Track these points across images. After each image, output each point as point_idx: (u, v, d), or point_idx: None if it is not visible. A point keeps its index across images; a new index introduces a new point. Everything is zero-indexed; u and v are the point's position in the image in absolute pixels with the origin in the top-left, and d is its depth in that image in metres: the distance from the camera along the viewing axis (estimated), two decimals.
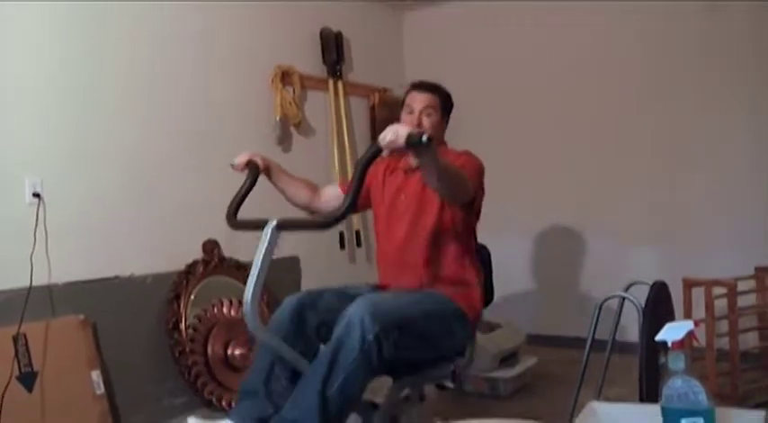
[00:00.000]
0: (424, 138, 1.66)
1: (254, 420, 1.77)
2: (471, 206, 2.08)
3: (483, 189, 2.13)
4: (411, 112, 2.16)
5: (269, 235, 1.73)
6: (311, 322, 1.92)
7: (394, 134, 1.68)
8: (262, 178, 2.12)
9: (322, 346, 1.84)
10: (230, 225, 1.92)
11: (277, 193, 2.26)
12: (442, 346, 1.99)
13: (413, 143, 1.67)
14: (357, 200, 1.68)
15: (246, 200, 2.02)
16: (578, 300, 3.95)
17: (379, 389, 1.96)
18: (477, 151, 1.97)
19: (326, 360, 1.70)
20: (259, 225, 1.77)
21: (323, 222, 1.72)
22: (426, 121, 2.13)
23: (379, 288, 2.15)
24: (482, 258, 2.27)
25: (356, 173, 1.68)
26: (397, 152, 1.73)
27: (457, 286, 2.09)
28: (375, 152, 1.71)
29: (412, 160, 2.11)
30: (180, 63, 3.17)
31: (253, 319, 1.71)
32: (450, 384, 3.01)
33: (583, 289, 3.94)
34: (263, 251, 1.73)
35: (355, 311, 1.73)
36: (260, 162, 2.10)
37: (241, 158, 2.10)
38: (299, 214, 2.38)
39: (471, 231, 2.18)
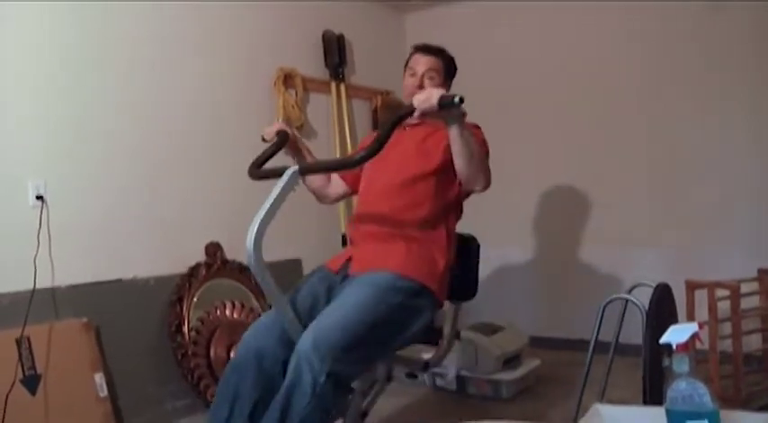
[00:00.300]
0: (456, 99, 1.68)
1: None
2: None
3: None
4: (413, 75, 2.15)
5: (288, 176, 1.73)
6: (276, 358, 1.81)
7: (428, 94, 1.70)
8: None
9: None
10: (252, 175, 1.92)
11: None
12: (406, 334, 1.91)
13: (445, 104, 1.69)
14: (385, 142, 1.68)
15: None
16: (581, 302, 3.94)
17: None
18: None
19: (279, 407, 1.64)
20: (280, 173, 1.77)
21: (345, 162, 1.75)
22: (429, 84, 2.11)
23: (337, 270, 2.07)
24: (470, 250, 2.18)
25: (386, 126, 1.70)
26: (429, 113, 1.74)
27: (420, 246, 1.99)
28: (408, 111, 1.74)
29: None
30: (182, 66, 3.17)
31: (256, 259, 1.69)
32: (422, 374, 3.01)
33: (586, 291, 3.93)
34: (278, 190, 1.72)
35: (301, 355, 1.65)
36: (290, 131, 2.11)
37: (272, 128, 2.10)
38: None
39: (458, 205, 2.13)
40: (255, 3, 3.55)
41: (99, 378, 2.60)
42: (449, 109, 1.71)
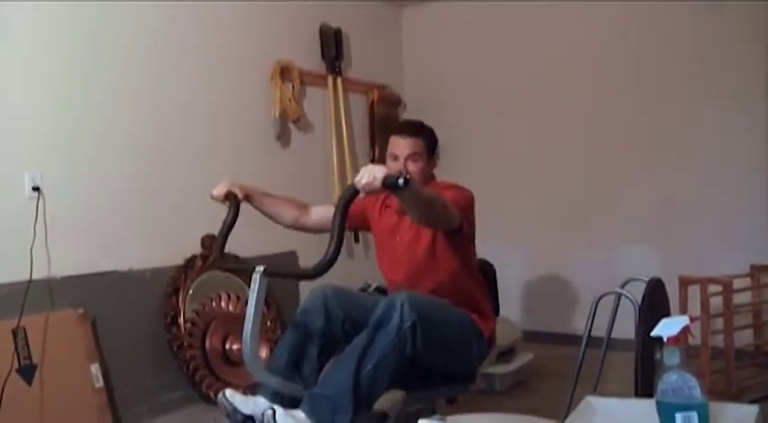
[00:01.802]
0: (401, 180, 1.63)
1: (284, 398, 1.80)
2: (460, 232, 2.04)
3: (473, 219, 2.11)
4: (396, 159, 2.13)
5: (257, 282, 1.75)
6: (337, 317, 1.96)
7: (370, 176, 1.65)
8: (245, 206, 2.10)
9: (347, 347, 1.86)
10: (219, 264, 1.95)
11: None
12: (460, 358, 2.02)
13: (389, 185, 1.65)
14: (340, 247, 1.66)
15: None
16: (575, 297, 3.97)
17: (390, 401, 1.99)
18: (475, 148, 1.98)
19: (363, 341, 1.76)
20: (246, 270, 1.80)
21: (310, 273, 1.68)
22: (412, 167, 2.10)
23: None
24: (487, 275, 2.28)
25: (336, 219, 1.65)
26: (374, 194, 1.73)
27: (469, 311, 2.10)
28: (352, 194, 1.68)
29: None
30: (180, 58, 3.17)
31: (254, 364, 1.75)
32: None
33: (579, 286, 3.96)
34: (255, 298, 1.75)
35: (396, 297, 1.80)
36: (239, 192, 2.06)
37: (219, 190, 2.06)
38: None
39: (469, 257, 2.17)
40: None
41: (95, 369, 2.60)
42: (393, 189, 1.68)
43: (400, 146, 2.12)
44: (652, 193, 3.81)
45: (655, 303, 2.02)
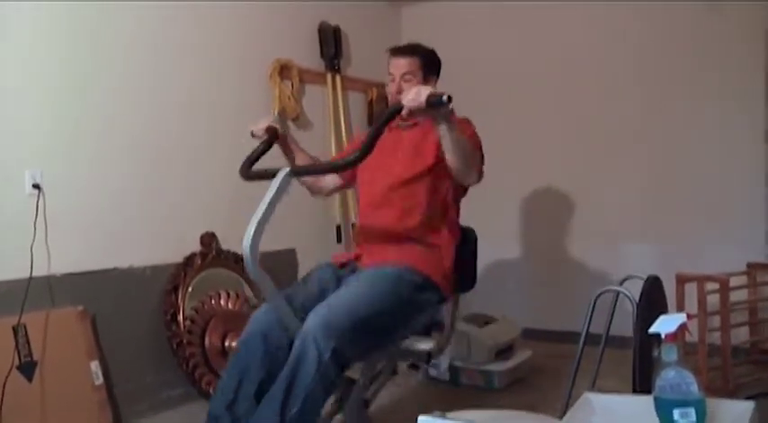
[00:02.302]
0: (445, 97, 1.68)
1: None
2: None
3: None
4: (393, 80, 2.17)
5: (281, 179, 1.75)
6: (281, 342, 1.85)
7: (416, 93, 1.71)
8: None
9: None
10: (243, 176, 1.94)
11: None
12: (410, 326, 1.98)
13: (434, 103, 1.69)
14: (373, 145, 1.69)
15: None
16: (573, 294, 3.98)
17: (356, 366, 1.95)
18: None
19: (284, 383, 1.69)
20: (272, 174, 1.78)
21: (336, 165, 1.76)
22: (406, 87, 2.09)
23: (342, 266, 2.13)
24: (467, 241, 2.23)
25: (376, 126, 1.72)
26: (417, 111, 1.75)
27: (427, 247, 2.07)
28: (396, 110, 1.74)
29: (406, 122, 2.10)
30: (179, 56, 3.17)
31: (252, 262, 1.72)
32: (423, 365, 3.02)
33: (578, 283, 3.97)
34: (272, 193, 1.74)
35: (308, 331, 1.70)
36: (279, 128, 2.12)
37: (261, 125, 2.11)
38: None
39: (456, 201, 2.18)
40: None
41: (95, 366, 2.61)
42: (437, 107, 1.71)
43: (395, 65, 2.16)
44: (650, 191, 3.82)
45: (652, 301, 2.03)
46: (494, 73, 4.28)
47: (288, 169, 1.77)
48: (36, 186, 2.59)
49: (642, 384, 1.85)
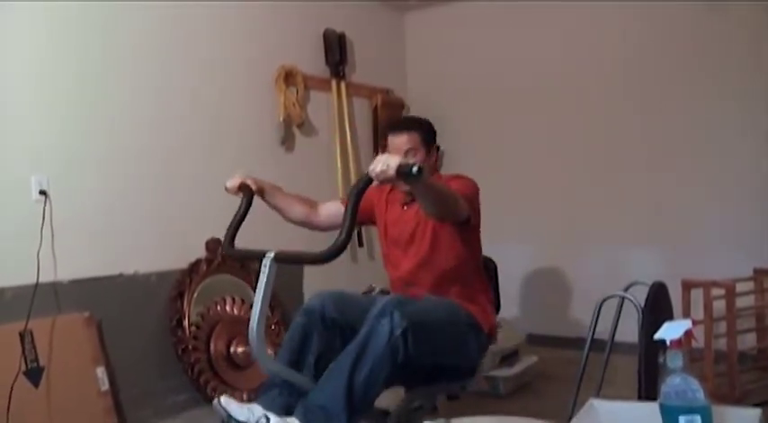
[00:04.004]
0: (415, 169, 1.65)
1: (281, 407, 1.81)
2: (468, 224, 2.08)
3: (479, 208, 2.13)
4: None
5: (267, 268, 1.77)
6: (335, 323, 1.97)
7: (384, 165, 1.67)
8: (257, 200, 2.13)
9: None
10: (228, 254, 1.95)
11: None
12: (457, 355, 2.04)
13: (403, 173, 1.67)
14: (352, 232, 1.68)
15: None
16: (578, 300, 3.97)
17: (392, 398, 2.01)
18: (479, 152, 2.00)
19: (355, 349, 1.77)
20: (256, 256, 1.80)
21: (321, 257, 1.69)
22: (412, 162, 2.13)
23: None
24: (488, 270, 2.30)
25: (349, 206, 1.67)
26: (388, 182, 1.76)
27: (469, 303, 2.12)
28: (366, 182, 1.70)
29: (403, 189, 2.13)
30: (184, 63, 3.19)
31: (260, 352, 1.76)
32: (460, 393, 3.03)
33: (582, 289, 3.96)
34: (264, 284, 1.76)
35: (386, 306, 1.81)
36: (252, 184, 2.10)
37: (233, 182, 2.10)
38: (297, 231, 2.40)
39: (474, 249, 2.20)
40: (257, 2, 3.56)
41: (101, 372, 2.62)
42: (406, 178, 1.70)
43: (397, 143, 2.14)
44: (655, 196, 3.80)
45: (658, 307, 2.03)
46: (497, 77, 4.28)
47: (272, 255, 1.78)
48: (43, 193, 2.61)
49: (648, 391, 1.84)
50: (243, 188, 2.08)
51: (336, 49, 3.97)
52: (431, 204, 1.90)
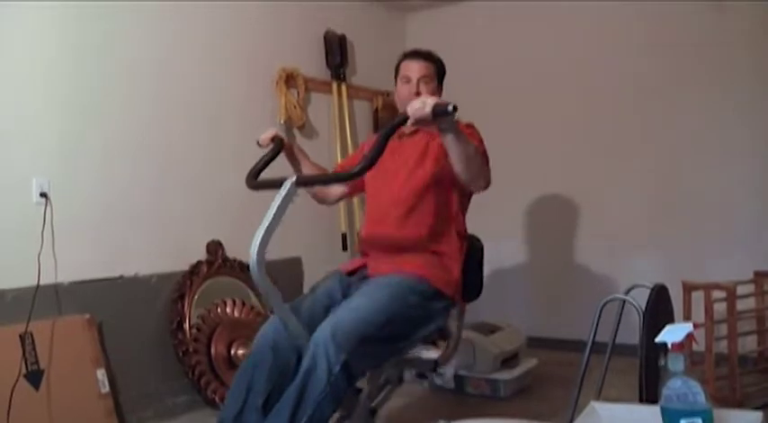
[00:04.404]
0: (450, 107, 1.67)
1: None
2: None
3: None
4: (408, 82, 2.16)
5: (287, 188, 1.75)
6: (287, 353, 1.85)
7: (421, 102, 1.70)
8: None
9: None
10: (249, 185, 1.93)
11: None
12: (418, 335, 1.98)
13: (439, 113, 1.68)
14: (378, 158, 1.69)
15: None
16: (578, 302, 3.96)
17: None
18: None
19: (294, 395, 1.69)
20: (278, 183, 1.78)
21: (341, 176, 1.77)
22: (424, 89, 2.13)
23: (350, 273, 2.14)
24: (473, 250, 2.22)
25: (380, 138, 1.70)
26: (423, 123, 1.74)
27: (434, 255, 2.07)
28: (401, 121, 1.74)
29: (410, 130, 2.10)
30: (184, 65, 3.19)
31: (259, 271, 1.71)
32: (430, 374, 3.02)
33: (583, 292, 3.95)
34: (278, 202, 1.74)
35: (318, 344, 1.71)
36: (286, 139, 2.14)
37: (267, 133, 2.12)
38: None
39: (462, 208, 2.18)
40: (257, 3, 3.57)
41: (101, 374, 2.62)
42: (443, 117, 1.71)
43: (413, 68, 2.16)
44: (655, 198, 3.81)
45: (659, 310, 2.03)
46: (498, 79, 4.28)
47: (294, 178, 1.77)
48: (43, 195, 2.61)
49: (649, 394, 1.84)
50: (276, 139, 2.10)
51: (337, 51, 3.97)
52: (463, 160, 1.85)
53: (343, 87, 4.02)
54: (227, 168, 3.27)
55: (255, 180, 1.96)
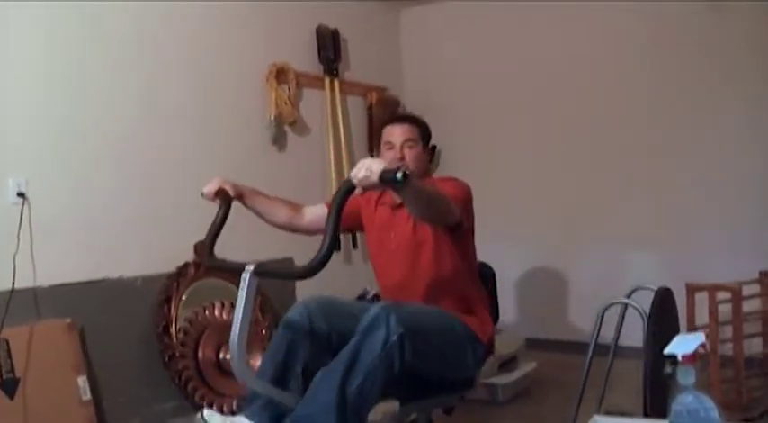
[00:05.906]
0: (399, 175, 1.51)
1: (269, 419, 1.73)
2: (460, 229, 1.99)
3: (472, 211, 2.05)
4: (391, 148, 2.09)
5: (247, 282, 1.66)
6: (322, 330, 1.87)
7: (367, 170, 1.55)
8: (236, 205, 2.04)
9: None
10: (207, 263, 1.87)
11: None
12: (455, 366, 1.94)
13: (388, 180, 1.53)
14: (334, 246, 1.56)
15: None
16: (578, 303, 3.91)
17: (385, 412, 1.93)
18: (476, 151, 1.93)
19: (347, 357, 1.66)
20: (236, 268, 1.70)
21: (302, 272, 1.59)
22: (409, 154, 2.07)
23: None
24: (485, 278, 2.21)
25: (331, 215, 1.55)
26: (371, 190, 1.63)
27: (465, 313, 2.03)
28: (348, 190, 1.58)
29: (394, 196, 2.03)
30: (174, 60, 3.11)
31: (240, 367, 1.66)
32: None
33: (583, 292, 3.90)
34: (244, 299, 1.66)
35: (381, 310, 1.70)
36: (230, 189, 2.00)
37: (210, 187, 2.00)
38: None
39: (469, 255, 2.11)
40: None
41: (82, 381, 2.53)
42: (391, 185, 1.58)
43: (395, 132, 2.09)
44: (658, 199, 3.74)
45: (664, 314, 1.94)
46: (494, 76, 4.21)
47: (251, 268, 1.66)
48: (21, 195, 2.51)
49: (654, 405, 1.75)
50: (220, 194, 1.97)
51: (330, 46, 3.88)
52: (419, 208, 1.81)
53: (336, 83, 3.93)
54: (217, 165, 3.17)
55: (213, 256, 1.89)
